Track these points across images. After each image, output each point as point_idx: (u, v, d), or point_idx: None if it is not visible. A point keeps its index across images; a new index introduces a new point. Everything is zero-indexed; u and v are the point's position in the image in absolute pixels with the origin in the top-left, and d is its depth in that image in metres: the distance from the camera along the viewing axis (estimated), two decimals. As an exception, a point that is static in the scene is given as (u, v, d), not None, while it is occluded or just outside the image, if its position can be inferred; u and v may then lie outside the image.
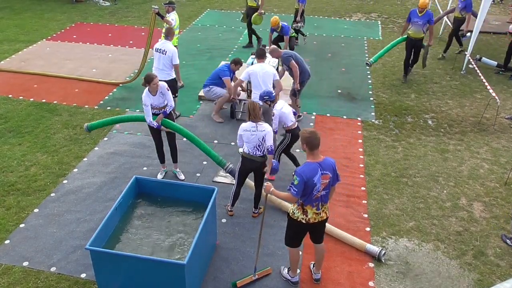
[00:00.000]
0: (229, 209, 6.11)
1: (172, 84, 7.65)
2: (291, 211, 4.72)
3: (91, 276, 5.04)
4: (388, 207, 6.41)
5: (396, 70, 10.79)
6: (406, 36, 9.84)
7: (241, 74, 7.79)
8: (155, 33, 9.16)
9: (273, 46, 8.54)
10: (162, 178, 6.75)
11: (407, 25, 9.82)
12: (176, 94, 8.11)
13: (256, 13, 11.02)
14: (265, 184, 4.74)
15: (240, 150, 5.89)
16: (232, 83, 8.21)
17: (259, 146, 5.61)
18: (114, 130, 8.07)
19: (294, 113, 6.62)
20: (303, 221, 4.63)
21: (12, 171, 6.92)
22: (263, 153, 5.67)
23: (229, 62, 8.47)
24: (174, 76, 7.94)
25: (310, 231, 4.86)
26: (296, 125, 6.47)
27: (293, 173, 4.48)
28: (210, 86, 8.39)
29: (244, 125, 5.66)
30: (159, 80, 6.30)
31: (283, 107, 6.35)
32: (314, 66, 10.89)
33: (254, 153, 5.65)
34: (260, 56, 7.61)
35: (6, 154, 7.32)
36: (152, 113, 6.32)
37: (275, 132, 6.29)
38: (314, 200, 4.53)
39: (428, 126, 8.44)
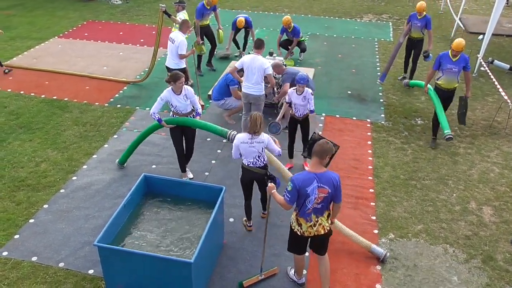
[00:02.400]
0: (248, 225, 5.92)
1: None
2: (291, 220, 4.66)
3: (99, 272, 5.08)
4: (396, 209, 6.37)
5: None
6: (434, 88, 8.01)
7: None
8: (163, 31, 9.19)
9: (277, 61, 8.20)
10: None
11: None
12: (187, 83, 8.45)
13: (195, 42, 9.82)
14: (269, 184, 4.73)
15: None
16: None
17: (258, 157, 5.39)
18: (124, 128, 8.11)
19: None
20: (298, 233, 4.56)
21: (23, 167, 6.98)
22: (263, 163, 5.46)
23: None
24: (183, 66, 8.30)
25: (310, 241, 4.72)
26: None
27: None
28: (225, 99, 8.21)
29: (240, 136, 5.36)
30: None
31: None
32: (324, 66, 10.88)
33: (254, 163, 5.42)
34: (257, 46, 7.36)
35: (17, 150, 7.39)
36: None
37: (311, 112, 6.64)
38: (307, 214, 4.42)
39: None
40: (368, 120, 8.59)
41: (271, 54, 9.29)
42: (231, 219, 6.07)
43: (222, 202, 5.27)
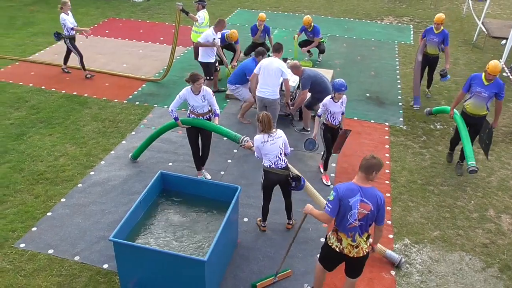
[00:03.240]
0: (262, 225, 5.89)
1: (207, 66, 8.76)
2: (328, 236, 4.38)
3: (113, 267, 5.13)
4: (412, 214, 6.30)
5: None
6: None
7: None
8: (182, 30, 9.26)
9: (295, 61, 8.04)
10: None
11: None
12: (210, 77, 8.85)
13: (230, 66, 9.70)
14: (305, 207, 4.47)
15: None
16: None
17: (280, 154, 5.35)
18: (142, 125, 8.18)
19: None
20: (337, 249, 4.24)
21: (42, 161, 7.09)
22: (285, 163, 5.42)
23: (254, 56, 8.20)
24: (212, 60, 8.78)
25: (345, 262, 4.40)
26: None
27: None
28: (237, 86, 8.30)
29: (258, 137, 5.34)
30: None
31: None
32: (343, 68, 10.81)
33: (277, 164, 5.34)
34: (276, 50, 7.37)
35: (37, 144, 7.51)
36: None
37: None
38: (349, 229, 4.11)
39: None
40: (386, 124, 8.51)
41: (284, 60, 8.82)
42: (246, 219, 6.07)
43: (237, 201, 5.27)
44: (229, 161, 7.25)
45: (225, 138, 7.71)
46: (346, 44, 12.48)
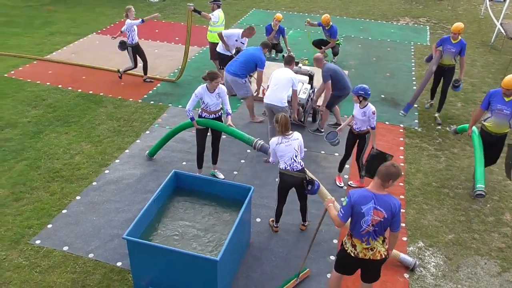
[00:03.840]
0: (274, 225, 5.87)
1: (223, 57, 9.12)
2: (344, 241, 4.35)
3: (127, 265, 5.17)
4: (427, 217, 6.23)
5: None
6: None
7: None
8: (195, 30, 9.32)
9: (318, 54, 7.81)
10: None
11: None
12: (222, 67, 9.08)
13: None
14: (327, 198, 4.53)
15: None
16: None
17: (296, 156, 5.29)
18: (156, 124, 8.24)
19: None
20: (352, 254, 4.23)
21: (58, 159, 7.19)
22: (301, 165, 5.35)
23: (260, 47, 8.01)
24: (227, 53, 9.03)
25: (361, 267, 4.41)
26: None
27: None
28: (245, 80, 7.99)
29: (274, 140, 5.33)
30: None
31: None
32: (358, 69, 10.75)
33: (292, 166, 5.29)
34: (287, 62, 7.28)
35: (53, 142, 7.61)
36: (203, 117, 6.36)
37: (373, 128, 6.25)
38: (362, 235, 4.10)
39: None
40: (401, 125, 8.44)
41: (296, 64, 8.68)
42: (258, 219, 6.07)
43: (250, 201, 5.28)
44: (242, 161, 7.26)
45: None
46: (362, 45, 12.40)
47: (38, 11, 14.56)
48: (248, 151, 7.49)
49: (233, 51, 9.05)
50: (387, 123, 8.52)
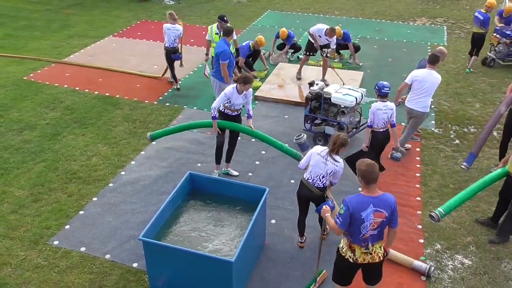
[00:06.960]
0: (299, 241, 5.65)
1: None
2: (340, 246, 4.30)
3: (143, 266, 5.20)
4: (444, 219, 6.14)
5: (460, 78, 10.34)
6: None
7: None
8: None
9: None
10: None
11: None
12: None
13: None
14: (323, 207, 4.43)
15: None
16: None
17: (322, 177, 5.06)
18: (172, 125, 8.28)
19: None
20: (351, 260, 4.18)
21: (75, 160, 7.28)
22: (323, 185, 5.13)
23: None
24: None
25: (362, 270, 4.35)
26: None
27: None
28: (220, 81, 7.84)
29: (319, 148, 5.13)
30: None
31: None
32: (374, 70, 10.67)
33: (314, 182, 5.11)
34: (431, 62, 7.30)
35: (71, 143, 7.71)
36: (225, 114, 6.42)
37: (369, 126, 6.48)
38: (362, 240, 4.06)
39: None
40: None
41: (311, 84, 8.06)
42: (273, 221, 6.06)
43: (265, 203, 5.27)
44: (257, 162, 7.26)
45: (253, 139, 7.74)
46: (377, 45, 12.31)
47: (57, 15, 14.79)
48: (263, 152, 7.49)
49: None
50: (403, 124, 8.42)
